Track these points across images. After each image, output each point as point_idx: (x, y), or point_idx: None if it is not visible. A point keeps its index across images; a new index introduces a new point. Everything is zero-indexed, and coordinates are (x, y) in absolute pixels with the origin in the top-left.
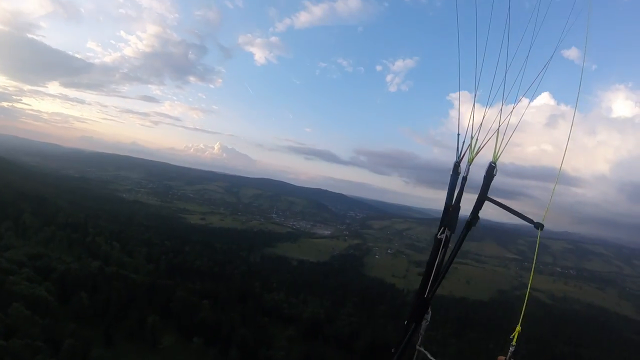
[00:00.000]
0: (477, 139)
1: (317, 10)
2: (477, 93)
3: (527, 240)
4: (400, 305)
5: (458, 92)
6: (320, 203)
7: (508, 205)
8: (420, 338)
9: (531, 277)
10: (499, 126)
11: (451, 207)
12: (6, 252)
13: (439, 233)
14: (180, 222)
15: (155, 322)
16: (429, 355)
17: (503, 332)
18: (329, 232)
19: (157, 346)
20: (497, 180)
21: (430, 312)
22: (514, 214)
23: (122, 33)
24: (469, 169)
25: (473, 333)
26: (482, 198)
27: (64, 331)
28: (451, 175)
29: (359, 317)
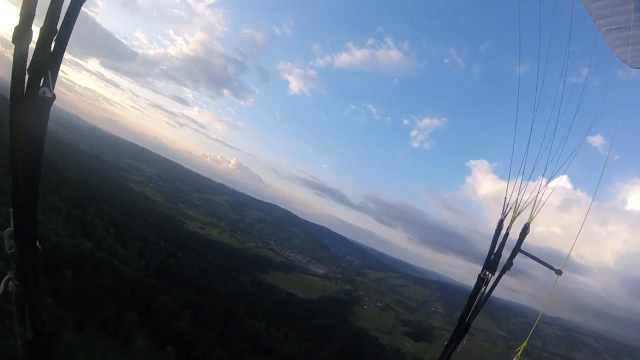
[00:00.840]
0: (519, 204)
1: (359, 55)
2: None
3: (520, 320)
4: None
5: (510, 164)
6: (320, 240)
7: (531, 254)
8: (454, 357)
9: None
10: (537, 195)
11: (494, 254)
12: (3, 207)
13: (482, 273)
14: (179, 226)
15: (132, 320)
16: None
17: None
18: (323, 272)
19: (129, 345)
20: (504, 255)
21: (467, 337)
22: (536, 260)
23: (171, 32)
24: (511, 226)
25: None
26: (517, 249)
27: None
28: (496, 230)
29: None
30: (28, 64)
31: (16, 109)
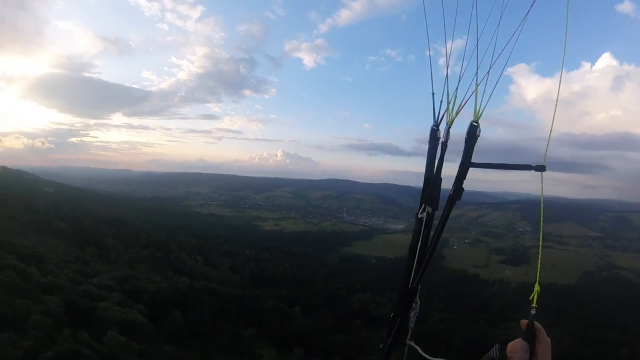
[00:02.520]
0: (455, 98)
1: (357, 6)
2: (453, 46)
3: (608, 216)
4: (488, 298)
5: (429, 47)
6: (388, 197)
7: (494, 163)
8: (409, 331)
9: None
10: (478, 82)
11: (432, 179)
12: (94, 278)
13: (420, 211)
14: (255, 230)
15: (253, 334)
16: (420, 350)
17: (599, 318)
18: (402, 227)
19: None
20: (570, 154)
21: (419, 302)
22: (507, 169)
23: (174, 59)
24: (448, 132)
25: (568, 320)
26: (466, 164)
27: (162, 355)
28: (429, 142)
29: (449, 313)
30: None
31: None
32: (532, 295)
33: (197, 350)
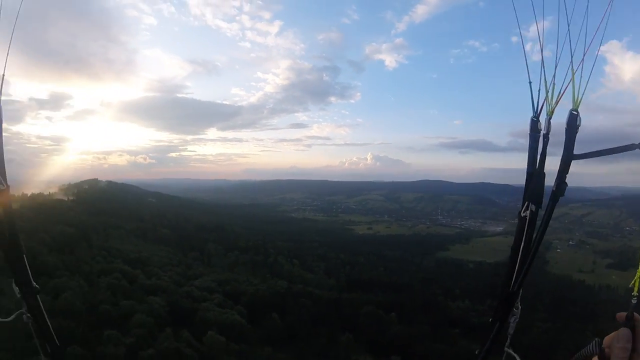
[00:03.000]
0: (553, 86)
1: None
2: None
3: None
4: (595, 305)
5: (520, 31)
6: (485, 197)
7: (596, 150)
8: (509, 338)
9: None
10: (575, 67)
11: (533, 175)
12: (196, 280)
13: (523, 210)
14: (349, 234)
15: (349, 340)
16: (518, 358)
17: None
18: (501, 229)
19: None
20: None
21: (520, 307)
22: (610, 153)
23: (259, 74)
24: (549, 123)
25: None
26: (569, 157)
27: (259, 356)
28: (530, 135)
29: (554, 322)
30: None
31: None
32: (634, 281)
33: (293, 353)
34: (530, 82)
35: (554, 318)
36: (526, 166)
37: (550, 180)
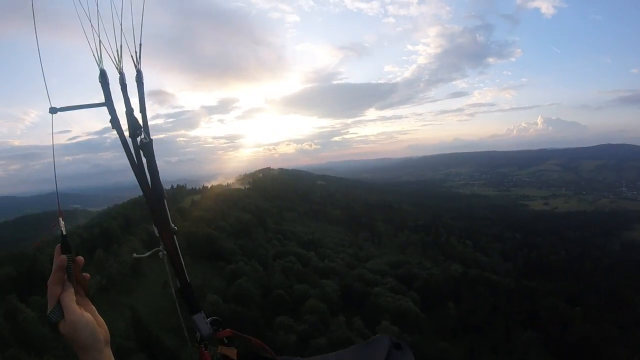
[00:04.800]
0: None
1: None
2: None
3: None
4: None
5: None
6: None
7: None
8: None
9: None
10: None
11: None
12: (367, 262)
13: None
14: (523, 211)
15: (531, 337)
16: None
17: None
18: None
19: None
20: None
21: None
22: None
23: (409, 47)
24: None
25: None
26: None
27: (434, 350)
28: None
29: None
30: (127, 132)
31: (135, 153)
32: None
33: (466, 345)
34: None
35: None
36: None
37: None
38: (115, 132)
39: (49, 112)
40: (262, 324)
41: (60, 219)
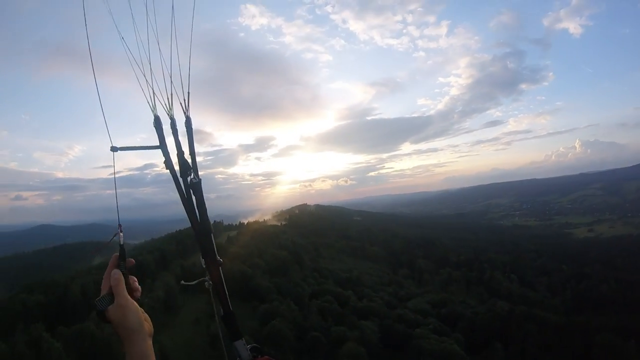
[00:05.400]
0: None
1: None
2: None
3: None
4: None
5: None
6: None
7: None
8: None
9: None
10: None
11: None
12: (408, 301)
13: None
14: (567, 240)
15: None
16: None
17: None
18: None
19: None
20: None
21: None
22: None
23: (440, 79)
24: None
25: None
26: None
27: None
28: None
29: None
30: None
31: (186, 191)
32: None
33: None
34: None
35: None
36: None
37: None
38: (161, 170)
39: (111, 150)
40: None
41: (120, 231)
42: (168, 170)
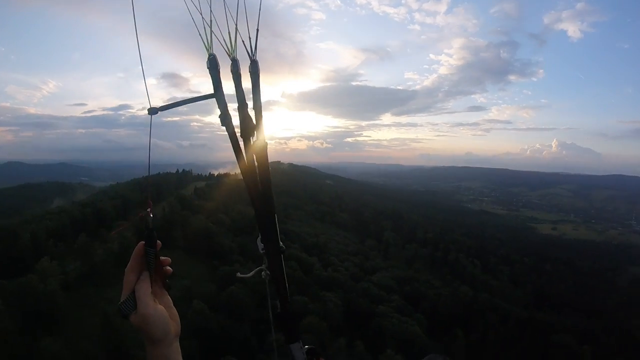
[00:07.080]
0: None
1: None
2: None
3: None
4: None
5: None
6: None
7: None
8: None
9: None
10: None
11: None
12: (374, 275)
13: None
14: (531, 234)
15: None
16: None
17: None
18: None
19: None
20: None
21: None
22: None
23: (432, 56)
24: None
25: None
26: None
27: None
28: None
29: None
30: (238, 132)
31: (244, 155)
32: None
33: None
34: None
35: None
36: None
37: None
38: (136, 112)
39: (148, 113)
40: (254, 345)
41: (149, 210)
42: (224, 127)
